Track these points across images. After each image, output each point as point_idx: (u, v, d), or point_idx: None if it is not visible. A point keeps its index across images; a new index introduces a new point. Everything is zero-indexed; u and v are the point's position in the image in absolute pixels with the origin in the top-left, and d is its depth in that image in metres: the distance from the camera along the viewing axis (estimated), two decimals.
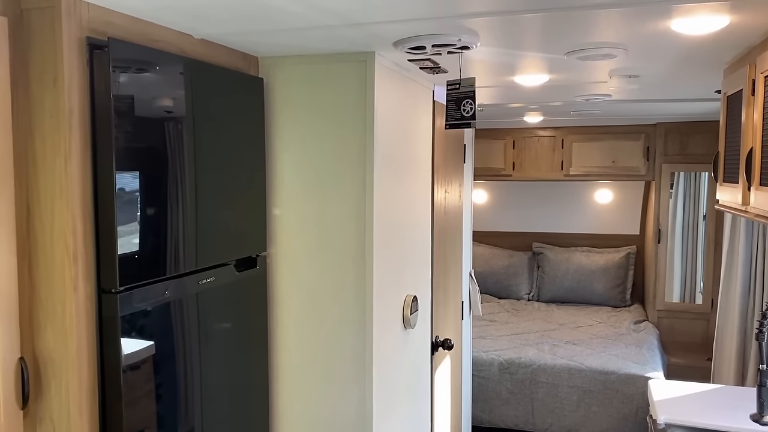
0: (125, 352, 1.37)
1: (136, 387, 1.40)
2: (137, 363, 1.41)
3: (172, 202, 1.51)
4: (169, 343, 1.52)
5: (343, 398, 1.95)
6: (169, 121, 1.50)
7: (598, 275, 5.05)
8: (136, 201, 1.39)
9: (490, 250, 5.44)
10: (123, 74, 1.34)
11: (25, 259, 1.28)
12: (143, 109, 1.41)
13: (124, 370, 1.36)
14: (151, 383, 1.46)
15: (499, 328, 4.43)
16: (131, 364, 1.39)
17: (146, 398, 1.44)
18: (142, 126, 1.41)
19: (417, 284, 2.39)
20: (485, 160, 4.88)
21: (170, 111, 1.50)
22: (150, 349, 1.45)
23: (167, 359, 1.51)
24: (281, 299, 1.99)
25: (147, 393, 1.44)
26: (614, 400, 3.60)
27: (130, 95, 1.37)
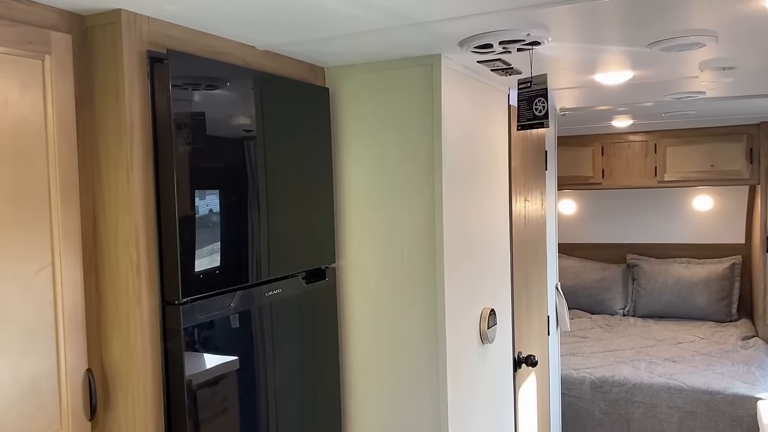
0: (189, 365, 1.36)
1: (201, 400, 1.39)
2: (202, 375, 1.40)
3: (237, 213, 1.50)
4: (236, 355, 1.50)
5: (417, 415, 1.88)
6: (234, 132, 1.49)
7: (700, 288, 4.71)
8: (198, 213, 1.39)
9: (581, 263, 5.20)
10: (184, 86, 1.35)
11: (92, 271, 1.30)
12: (206, 121, 1.41)
13: (188, 383, 1.35)
14: (217, 396, 1.44)
15: (592, 344, 4.20)
16: (196, 377, 1.38)
17: (212, 412, 1.43)
18: (205, 138, 1.41)
19: (495, 297, 2.29)
20: (572, 168, 4.68)
21: (235, 122, 1.50)
22: (216, 361, 1.44)
23: (234, 372, 1.49)
24: (351, 312, 1.95)
25: (213, 406, 1.43)
26: (720, 422, 3.31)
27: (192, 107, 1.37)
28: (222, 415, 1.45)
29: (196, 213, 1.38)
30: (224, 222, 1.46)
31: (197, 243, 1.38)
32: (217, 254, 1.44)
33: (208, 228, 1.42)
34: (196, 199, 1.38)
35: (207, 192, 1.42)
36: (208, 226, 1.41)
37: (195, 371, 1.38)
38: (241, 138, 1.52)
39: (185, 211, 1.35)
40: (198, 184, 1.39)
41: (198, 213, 1.39)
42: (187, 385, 1.36)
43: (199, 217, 1.39)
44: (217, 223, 1.44)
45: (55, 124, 1.20)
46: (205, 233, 1.40)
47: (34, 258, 1.18)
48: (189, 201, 1.36)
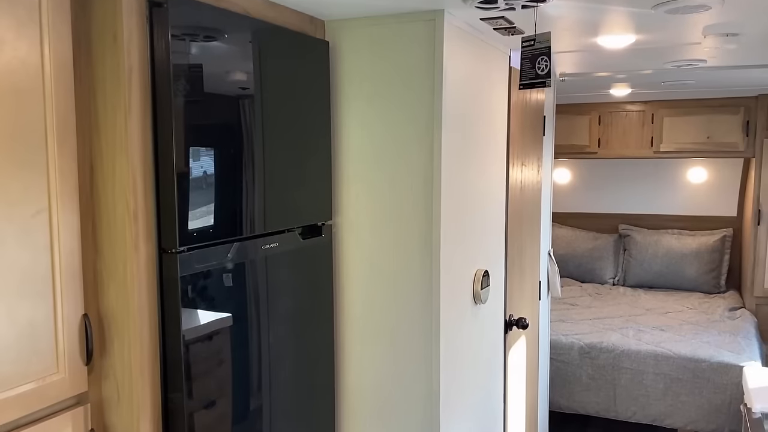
0: (185, 314, 1.36)
1: (196, 349, 1.40)
2: (198, 325, 1.40)
3: (234, 163, 1.49)
4: (232, 307, 1.50)
5: (409, 372, 1.90)
6: (233, 82, 1.47)
7: (690, 259, 4.75)
8: (196, 161, 1.37)
9: (573, 232, 5.23)
10: (183, 32, 1.33)
11: (88, 217, 1.29)
12: (205, 68, 1.39)
13: (184, 333, 1.36)
14: (212, 346, 1.45)
15: (581, 312, 4.25)
16: (192, 327, 1.38)
17: (207, 361, 1.43)
18: (204, 85, 1.39)
19: (489, 259, 2.30)
20: (568, 137, 4.67)
21: (234, 71, 1.48)
22: (212, 312, 1.44)
23: (229, 324, 1.50)
24: (346, 269, 1.95)
25: (209, 355, 1.43)
26: (705, 389, 3.37)
27: (191, 53, 1.35)
28: (217, 366, 1.46)
29: (193, 162, 1.37)
30: (221, 172, 1.45)
31: (194, 192, 1.37)
32: (214, 205, 1.43)
33: (206, 178, 1.41)
34: (194, 148, 1.37)
35: (205, 141, 1.40)
36: (205, 176, 1.40)
37: (191, 321, 1.38)
38: (239, 89, 1.50)
39: (183, 159, 1.33)
40: (196, 133, 1.37)
41: (195, 162, 1.37)
42: (183, 334, 1.36)
43: (196, 167, 1.37)
44: (214, 174, 1.43)
45: (51, 65, 1.18)
46: (202, 183, 1.39)
47: (30, 201, 1.16)
48: (187, 150, 1.35)
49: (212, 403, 1.46)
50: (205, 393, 1.43)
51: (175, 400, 1.38)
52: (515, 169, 2.59)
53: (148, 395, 1.33)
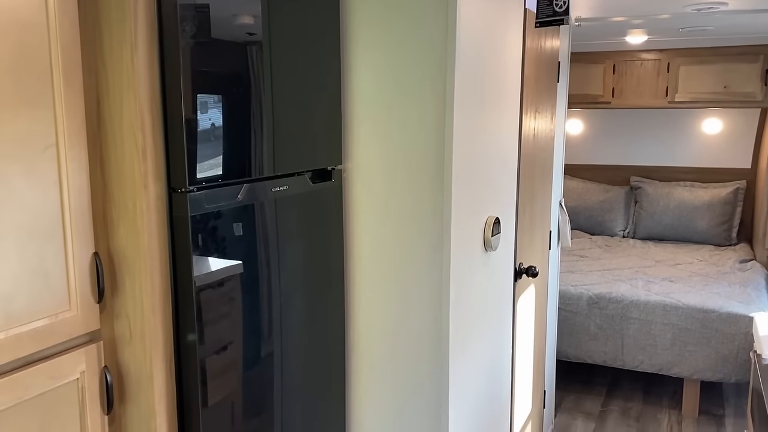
0: (196, 256, 1.36)
1: (207, 291, 1.40)
2: (208, 267, 1.40)
3: (243, 104, 1.46)
4: (243, 250, 1.50)
5: (419, 316, 1.90)
6: (241, 18, 1.43)
7: (702, 212, 4.71)
8: (204, 100, 1.35)
9: (584, 184, 5.19)
10: None
11: (96, 155, 1.28)
12: (212, 5, 1.35)
13: (195, 277, 1.35)
14: (223, 288, 1.45)
15: (590, 263, 4.24)
16: (202, 268, 1.38)
17: (218, 302, 1.44)
18: (212, 21, 1.35)
19: (500, 207, 2.28)
20: (582, 86, 4.59)
21: (242, 7, 1.43)
22: (222, 254, 1.44)
23: (240, 266, 1.49)
24: (356, 214, 1.94)
25: (220, 298, 1.44)
26: (713, 339, 3.39)
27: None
28: (228, 305, 1.46)
29: (201, 101, 1.34)
30: (230, 112, 1.42)
31: (203, 132, 1.35)
32: (223, 145, 1.41)
33: (215, 117, 1.38)
34: (202, 87, 1.34)
35: (213, 81, 1.37)
36: (214, 115, 1.38)
37: (202, 262, 1.38)
38: (249, 23, 1.46)
39: (191, 97, 1.31)
40: (205, 72, 1.34)
41: (204, 101, 1.35)
42: (195, 280, 1.36)
43: (204, 106, 1.35)
44: (223, 114, 1.41)
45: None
46: (211, 122, 1.37)
47: (38, 136, 1.15)
48: (195, 88, 1.32)
49: (224, 348, 1.47)
50: (217, 337, 1.44)
51: (188, 343, 1.38)
52: (528, 117, 2.55)
53: (160, 334, 1.34)
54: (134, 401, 1.35)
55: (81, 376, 1.26)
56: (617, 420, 3.58)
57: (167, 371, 1.37)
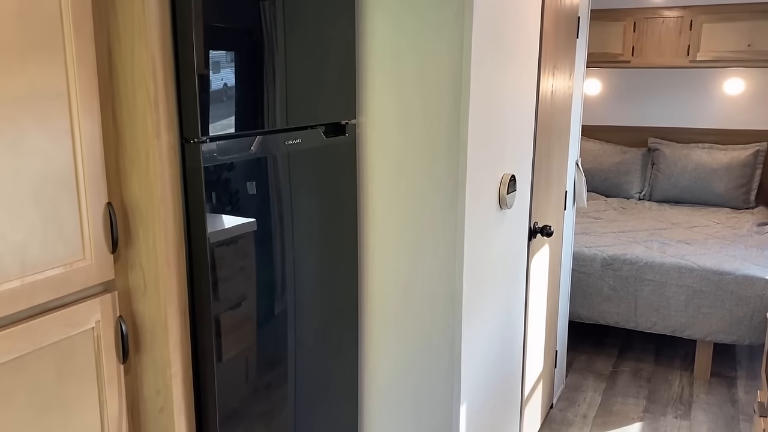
0: (209, 207, 1.35)
1: (221, 247, 1.40)
2: (222, 220, 1.39)
3: (256, 53, 1.43)
4: (256, 203, 1.49)
5: (433, 273, 1.90)
6: None
7: (720, 174, 4.64)
8: (217, 50, 1.32)
9: (601, 145, 5.12)
10: None
11: (108, 104, 1.26)
12: None
13: (209, 226, 1.35)
14: (236, 242, 1.44)
15: (605, 225, 4.21)
16: (216, 219, 1.37)
17: (231, 256, 1.43)
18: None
19: (516, 164, 2.25)
20: (601, 45, 4.49)
21: None
22: (235, 207, 1.43)
23: (253, 220, 1.49)
24: (370, 170, 1.92)
25: (232, 252, 1.43)
26: (727, 301, 3.37)
27: None
28: (241, 259, 1.46)
29: (214, 51, 1.32)
30: (242, 64, 1.40)
31: (215, 82, 1.33)
32: (236, 94, 1.39)
33: (227, 68, 1.36)
34: (214, 36, 1.31)
35: (225, 32, 1.34)
36: (226, 66, 1.35)
37: (215, 215, 1.37)
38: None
39: (203, 47, 1.28)
40: (217, 22, 1.32)
41: (216, 52, 1.32)
42: (209, 237, 1.35)
43: (216, 56, 1.32)
44: (236, 64, 1.38)
45: None
46: (223, 73, 1.35)
47: (48, 82, 1.13)
48: (207, 38, 1.29)
49: (238, 303, 1.47)
50: (231, 290, 1.44)
51: (202, 296, 1.39)
52: (546, 73, 2.49)
53: (174, 285, 1.34)
54: (149, 351, 1.37)
55: (96, 326, 1.27)
56: (628, 380, 3.59)
57: (182, 322, 1.38)
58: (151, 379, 1.38)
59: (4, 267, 1.09)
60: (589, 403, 3.35)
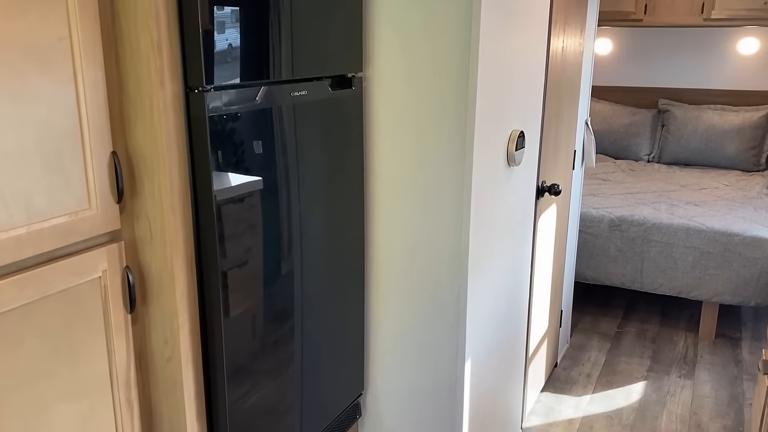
0: (214, 156, 1.33)
1: (228, 205, 1.39)
2: (227, 170, 1.38)
3: (261, 2, 1.40)
4: (261, 155, 1.48)
5: (440, 231, 1.89)
6: None
7: (731, 136, 4.58)
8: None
9: (611, 107, 5.05)
10: None
11: (111, 51, 1.24)
12: None
13: (214, 176, 1.34)
14: (241, 199, 1.43)
15: (613, 187, 4.18)
16: (221, 170, 1.36)
17: (235, 209, 1.43)
18: None
19: (525, 121, 2.22)
20: (613, 3, 4.39)
21: None
22: (241, 158, 1.42)
23: (258, 172, 1.47)
24: (377, 124, 1.89)
25: (237, 207, 1.42)
26: (735, 263, 3.36)
27: None
28: (246, 212, 1.46)
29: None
30: (248, 11, 1.37)
31: (220, 29, 1.30)
32: (241, 43, 1.36)
33: (231, 15, 1.33)
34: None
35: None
36: (231, 13, 1.33)
37: (220, 166, 1.36)
38: None
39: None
40: None
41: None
42: (215, 194, 1.34)
43: (221, 3, 1.29)
44: (240, 12, 1.35)
45: None
46: (228, 20, 1.32)
47: (50, 27, 1.11)
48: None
49: (245, 263, 1.47)
50: (237, 240, 1.44)
51: (209, 247, 1.38)
52: (557, 30, 2.44)
53: (180, 236, 1.34)
54: (156, 301, 1.37)
55: (103, 275, 1.27)
56: (633, 341, 3.61)
57: (188, 273, 1.38)
58: (159, 329, 1.39)
59: (9, 214, 1.09)
60: (594, 362, 3.37)
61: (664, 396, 3.04)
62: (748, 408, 2.94)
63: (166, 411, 1.44)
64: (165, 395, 1.43)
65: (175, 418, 1.43)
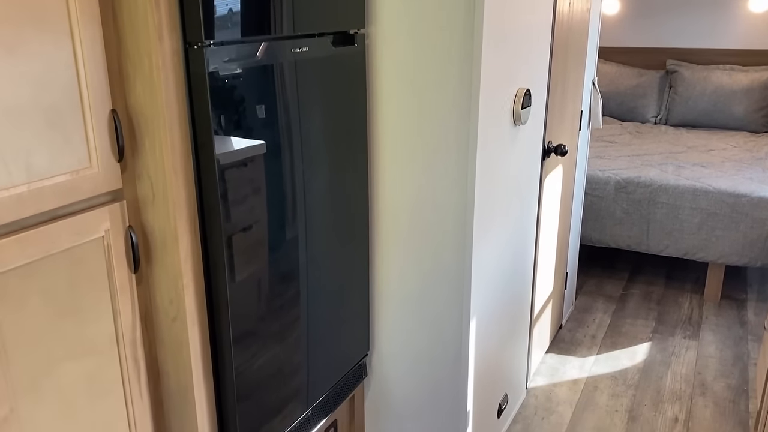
0: (215, 113, 1.32)
1: (230, 169, 1.37)
2: (228, 126, 1.36)
3: None
4: (262, 114, 1.45)
5: (445, 188, 1.87)
6: None
7: (740, 96, 4.52)
8: None
9: (618, 68, 4.98)
10: None
11: (108, 5, 1.21)
12: None
13: (215, 134, 1.32)
14: (244, 164, 1.42)
15: (620, 149, 4.14)
16: (222, 127, 1.34)
17: (238, 170, 1.41)
18: None
19: (531, 79, 2.18)
20: None
21: None
22: (242, 114, 1.40)
23: (261, 129, 1.45)
24: (380, 82, 1.86)
25: (239, 170, 1.41)
26: (741, 224, 3.33)
27: None
28: (248, 172, 1.44)
29: None
30: None
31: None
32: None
33: None
34: None
35: None
36: None
37: (220, 123, 1.34)
38: None
39: None
40: None
41: None
42: (218, 157, 1.32)
43: None
44: None
45: None
46: None
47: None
48: None
49: (249, 227, 1.46)
50: (241, 206, 1.43)
51: (212, 208, 1.37)
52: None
53: (183, 195, 1.33)
54: (160, 262, 1.37)
55: (106, 234, 1.27)
56: (638, 302, 3.61)
57: (192, 234, 1.37)
58: (164, 289, 1.38)
59: (9, 172, 1.08)
60: (599, 324, 3.38)
61: (669, 356, 3.06)
62: (752, 367, 2.95)
63: (172, 370, 1.44)
64: (171, 355, 1.43)
65: (182, 377, 1.44)
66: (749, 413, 2.62)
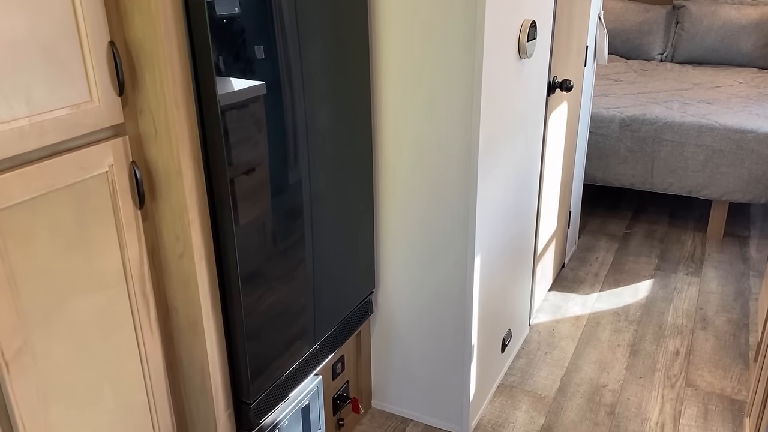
0: (215, 47, 1.29)
1: (232, 111, 1.35)
2: (229, 61, 1.34)
3: None
4: (262, 49, 1.42)
5: (449, 124, 1.85)
6: None
7: (748, 32, 4.42)
8: None
9: (623, 4, 4.86)
10: None
11: None
12: None
13: (217, 66, 1.30)
14: (245, 106, 1.39)
15: (624, 87, 4.08)
16: (222, 63, 1.32)
17: (239, 111, 1.39)
18: None
19: (537, 11, 2.13)
20: None
21: None
22: (242, 48, 1.37)
23: (260, 61, 1.42)
24: (382, 15, 1.82)
25: (241, 111, 1.39)
26: (747, 160, 3.31)
27: None
28: (251, 107, 1.42)
29: None
30: None
31: None
32: None
33: None
34: None
35: None
36: None
37: (220, 56, 1.31)
38: None
39: None
40: None
41: None
42: (217, 68, 1.30)
43: None
44: None
45: None
46: None
47: None
48: None
49: (253, 165, 1.44)
50: (244, 139, 1.41)
51: (215, 142, 1.36)
52: None
53: (185, 130, 1.31)
54: (165, 197, 1.36)
55: (110, 169, 1.26)
56: (641, 241, 3.63)
57: (196, 170, 1.36)
58: (170, 225, 1.38)
59: (10, 106, 1.06)
60: (601, 262, 3.40)
61: (671, 293, 3.09)
62: (753, 302, 2.98)
63: (181, 305, 1.46)
64: (179, 290, 1.44)
65: (191, 312, 1.45)
66: (749, 346, 2.66)
